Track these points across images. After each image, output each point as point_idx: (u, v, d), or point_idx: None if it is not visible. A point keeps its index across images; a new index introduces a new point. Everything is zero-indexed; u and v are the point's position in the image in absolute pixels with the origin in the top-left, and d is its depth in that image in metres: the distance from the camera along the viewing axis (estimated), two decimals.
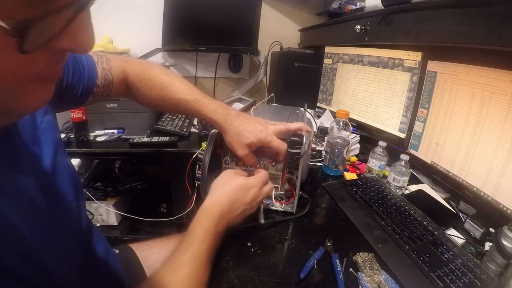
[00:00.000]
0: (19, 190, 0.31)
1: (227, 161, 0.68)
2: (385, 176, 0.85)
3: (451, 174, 0.74)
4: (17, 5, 0.18)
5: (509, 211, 0.59)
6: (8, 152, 0.31)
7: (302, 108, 0.96)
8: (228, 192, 0.53)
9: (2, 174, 0.29)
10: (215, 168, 0.71)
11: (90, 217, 1.17)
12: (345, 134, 0.84)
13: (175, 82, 0.61)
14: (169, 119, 1.19)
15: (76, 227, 0.42)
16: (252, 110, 0.83)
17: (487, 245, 0.59)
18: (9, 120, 0.30)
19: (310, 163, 0.90)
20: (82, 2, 0.21)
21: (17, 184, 0.31)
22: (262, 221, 0.61)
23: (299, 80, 1.43)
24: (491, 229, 0.62)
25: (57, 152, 0.40)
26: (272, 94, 1.39)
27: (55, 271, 0.33)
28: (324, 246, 0.55)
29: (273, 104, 1.35)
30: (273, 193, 0.67)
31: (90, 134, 1.07)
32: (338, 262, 0.50)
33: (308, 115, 0.94)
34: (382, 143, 0.83)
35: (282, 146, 0.60)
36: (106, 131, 1.10)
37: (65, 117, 1.11)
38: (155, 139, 1.07)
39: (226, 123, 0.59)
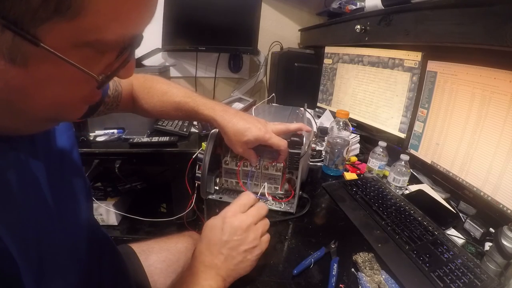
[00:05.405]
0: (33, 178, 0.33)
1: (227, 161, 0.68)
2: (385, 176, 0.85)
3: (451, 174, 0.74)
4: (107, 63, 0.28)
5: (509, 211, 0.59)
6: (28, 144, 0.34)
7: (302, 108, 0.96)
8: (220, 238, 0.44)
9: (21, 161, 0.32)
10: (215, 168, 0.71)
11: None
12: (345, 134, 0.84)
13: (174, 88, 0.66)
14: None
15: (85, 224, 0.44)
16: (252, 110, 0.83)
17: (487, 245, 0.59)
18: (54, 125, 0.38)
19: (310, 163, 0.90)
20: (137, 45, 0.28)
21: (32, 172, 0.34)
22: None
23: (299, 80, 1.43)
24: (491, 229, 0.62)
25: (72, 152, 0.43)
26: (273, 94, 1.39)
27: (61, 263, 0.35)
28: (327, 247, 0.54)
29: (273, 104, 1.35)
30: (266, 190, 0.67)
31: (90, 134, 1.07)
32: (335, 266, 0.49)
33: (308, 115, 0.94)
34: (382, 143, 0.83)
35: (281, 142, 0.60)
36: (106, 131, 1.10)
37: None
38: (155, 139, 1.07)
39: (224, 120, 0.60)
